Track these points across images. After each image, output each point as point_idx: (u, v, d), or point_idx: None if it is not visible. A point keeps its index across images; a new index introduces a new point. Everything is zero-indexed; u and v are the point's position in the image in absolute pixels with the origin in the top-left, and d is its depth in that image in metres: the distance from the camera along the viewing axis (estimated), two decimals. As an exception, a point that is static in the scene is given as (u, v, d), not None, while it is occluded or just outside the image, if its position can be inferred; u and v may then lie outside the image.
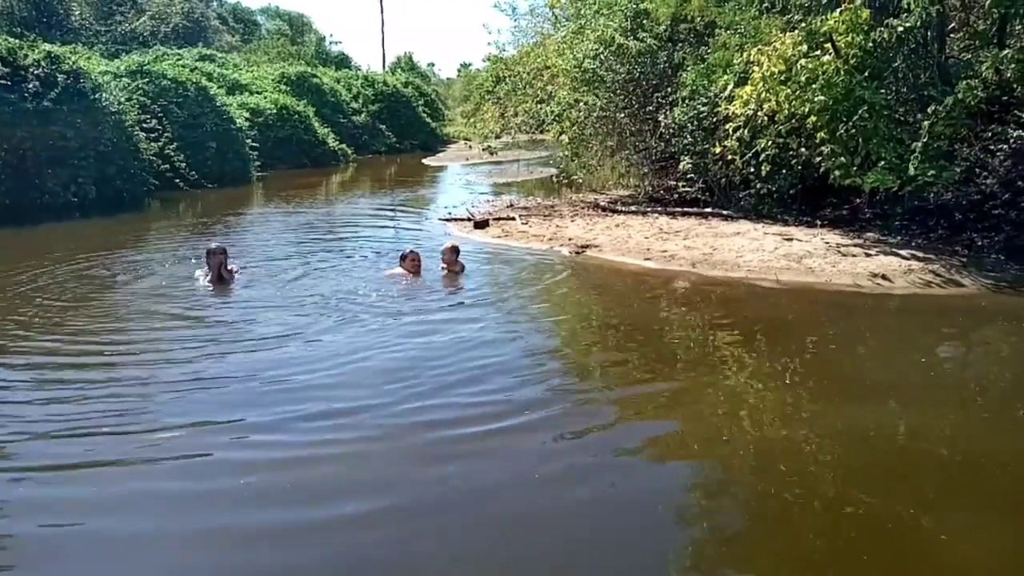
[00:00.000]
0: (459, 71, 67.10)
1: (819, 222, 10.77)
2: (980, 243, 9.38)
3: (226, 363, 5.82)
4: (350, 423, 4.73)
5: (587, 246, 10.50)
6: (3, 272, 9.13)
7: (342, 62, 45.53)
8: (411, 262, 8.77)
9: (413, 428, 4.66)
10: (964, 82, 8.72)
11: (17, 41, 16.34)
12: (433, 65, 70.14)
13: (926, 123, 8.69)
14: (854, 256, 8.99)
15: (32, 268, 9.32)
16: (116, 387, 5.33)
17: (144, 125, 18.49)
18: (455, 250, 9.07)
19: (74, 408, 4.94)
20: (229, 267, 8.62)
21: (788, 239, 9.79)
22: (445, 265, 8.97)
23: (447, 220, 13.55)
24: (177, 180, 18.60)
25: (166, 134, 19.13)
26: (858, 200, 11.10)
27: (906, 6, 8.88)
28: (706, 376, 5.70)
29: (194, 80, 21.43)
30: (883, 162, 9.23)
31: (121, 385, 5.37)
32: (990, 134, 9.88)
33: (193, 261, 9.45)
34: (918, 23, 9.11)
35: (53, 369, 5.76)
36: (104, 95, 16.69)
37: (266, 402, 5.03)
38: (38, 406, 5.01)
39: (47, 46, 16.64)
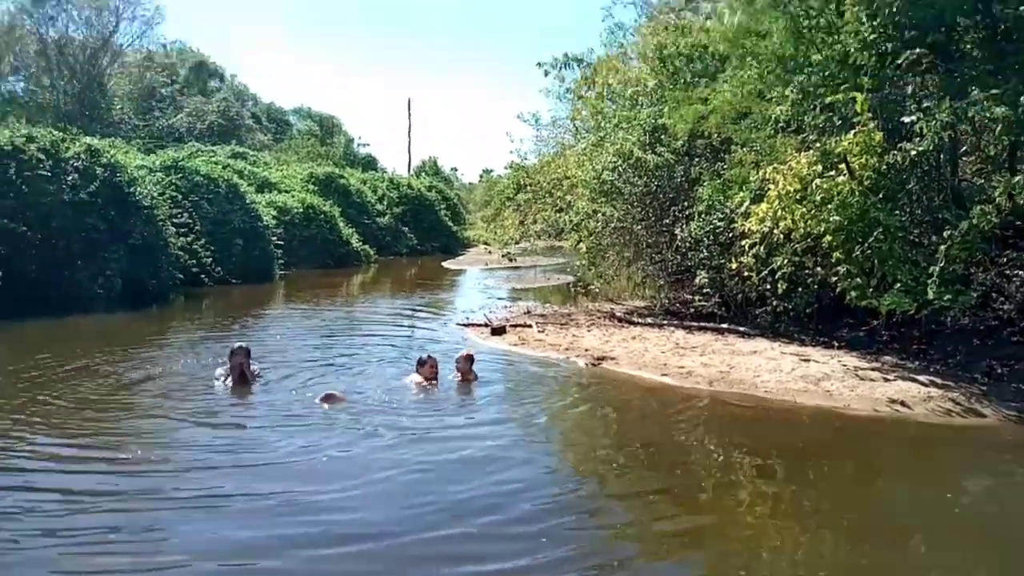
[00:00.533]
0: (481, 176, 68.97)
1: (836, 343, 10.75)
2: (1000, 371, 9.29)
3: (236, 478, 5.74)
4: (359, 552, 4.61)
5: (603, 358, 10.51)
6: (26, 366, 9.25)
7: (369, 164, 47.04)
8: (429, 368, 8.80)
9: (425, 562, 4.53)
10: (978, 207, 8.84)
11: (60, 134, 17.05)
12: (456, 170, 72.23)
13: (942, 247, 8.77)
14: (872, 380, 8.92)
15: (49, 362, 9.45)
16: (122, 500, 5.28)
17: (175, 220, 19.02)
18: (470, 359, 9.12)
19: (76, 521, 4.89)
20: (251, 368, 8.68)
21: (806, 360, 9.75)
22: (460, 373, 8.99)
23: (465, 325, 13.66)
24: (203, 275, 18.99)
25: (195, 229, 19.65)
26: (875, 322, 11.09)
27: (919, 130, 9.12)
28: (728, 512, 5.57)
29: (225, 177, 22.19)
30: (899, 284, 9.27)
31: (127, 498, 5.32)
32: (1006, 259, 9.94)
33: (213, 360, 9.54)
34: (931, 147, 9.32)
35: (53, 474, 5.77)
36: (139, 189, 17.25)
37: (274, 524, 4.95)
38: (38, 518, 4.98)
39: (87, 139, 17.33)
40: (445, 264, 30.84)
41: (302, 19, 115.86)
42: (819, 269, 10.63)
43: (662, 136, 13.89)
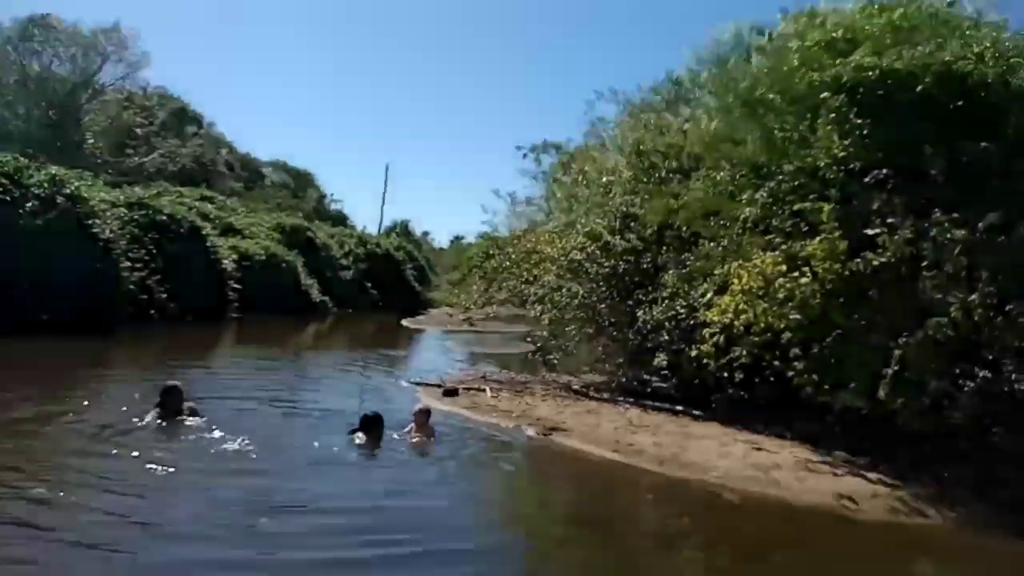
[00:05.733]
0: (452, 241, 69.33)
1: (789, 433, 10.73)
2: (946, 475, 9.32)
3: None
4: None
5: (555, 428, 10.36)
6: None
7: (339, 219, 47.08)
8: (377, 430, 8.43)
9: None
10: (935, 320, 9.03)
11: (25, 160, 16.80)
12: (428, 234, 72.52)
13: (896, 352, 8.91)
14: (821, 474, 8.89)
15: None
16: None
17: (131, 255, 18.68)
18: (427, 412, 8.94)
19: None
20: (187, 405, 8.35)
21: (757, 448, 9.71)
22: (416, 427, 8.74)
23: (418, 384, 13.43)
24: (153, 312, 18.56)
25: (151, 266, 19.29)
26: (829, 417, 11.12)
27: (882, 243, 9.36)
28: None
29: (189, 219, 21.95)
30: (855, 384, 9.35)
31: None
32: (958, 370, 10.09)
33: (140, 397, 9.18)
34: (893, 259, 9.55)
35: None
36: (98, 221, 16.96)
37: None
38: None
39: (53, 169, 17.10)
40: (404, 322, 30.55)
41: (284, 75, 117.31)
42: (777, 363, 10.71)
43: (632, 223, 14.07)
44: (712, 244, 11.97)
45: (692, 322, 11.57)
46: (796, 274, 9.66)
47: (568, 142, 21.62)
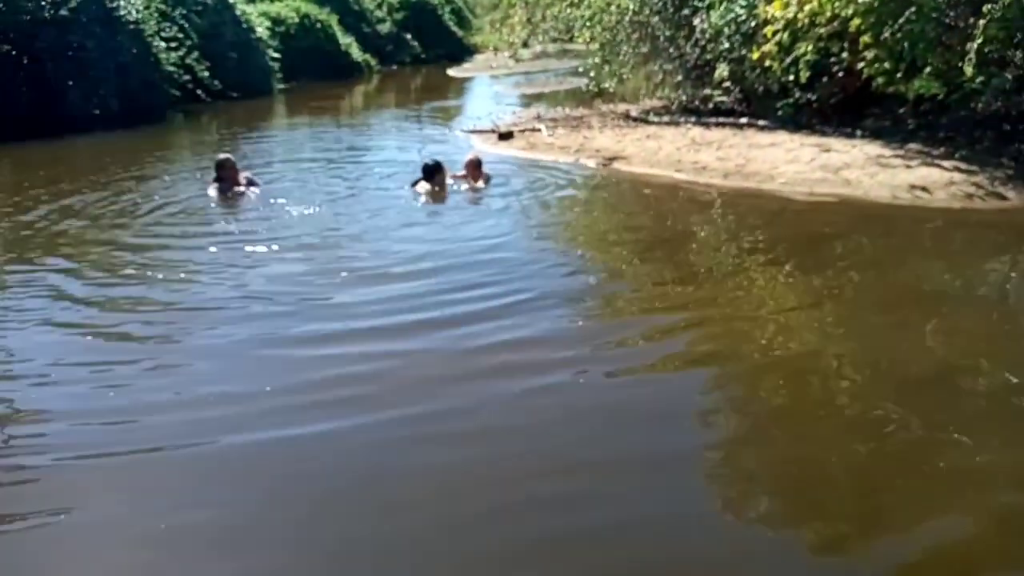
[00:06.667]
0: (487, -24, 64.87)
1: (859, 133, 10.32)
2: (1028, 154, 8.93)
3: (248, 283, 5.70)
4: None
5: (615, 158, 10.20)
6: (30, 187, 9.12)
7: (365, -32, 44.14)
8: (441, 176, 8.47)
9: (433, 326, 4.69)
10: (1024, -21, 8.13)
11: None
12: (460, -29, 67.78)
13: (981, 23, 8.15)
14: (894, 168, 8.60)
15: (50, 184, 9.31)
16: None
17: (163, 35, 18.16)
18: (477, 162, 8.81)
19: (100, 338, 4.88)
20: (243, 176, 8.43)
21: (826, 150, 9.39)
22: (469, 178, 8.72)
23: (470, 132, 13.25)
24: (199, 91, 18.38)
25: (187, 44, 18.78)
26: (901, 110, 10.60)
27: None
28: (737, 284, 5.56)
29: (213, -13, 20.92)
30: (929, 68, 8.75)
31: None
32: (1048, 38, 9.26)
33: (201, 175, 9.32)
34: (976, -84, 8.44)
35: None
36: (122, 3, 16.36)
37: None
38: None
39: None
40: (451, 72, 29.59)
41: None
42: (845, 55, 10.03)
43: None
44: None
45: (753, 23, 10.80)
46: (867, -52, 8.70)
47: None
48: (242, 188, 8.33)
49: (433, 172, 8.42)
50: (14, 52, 13.98)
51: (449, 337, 4.57)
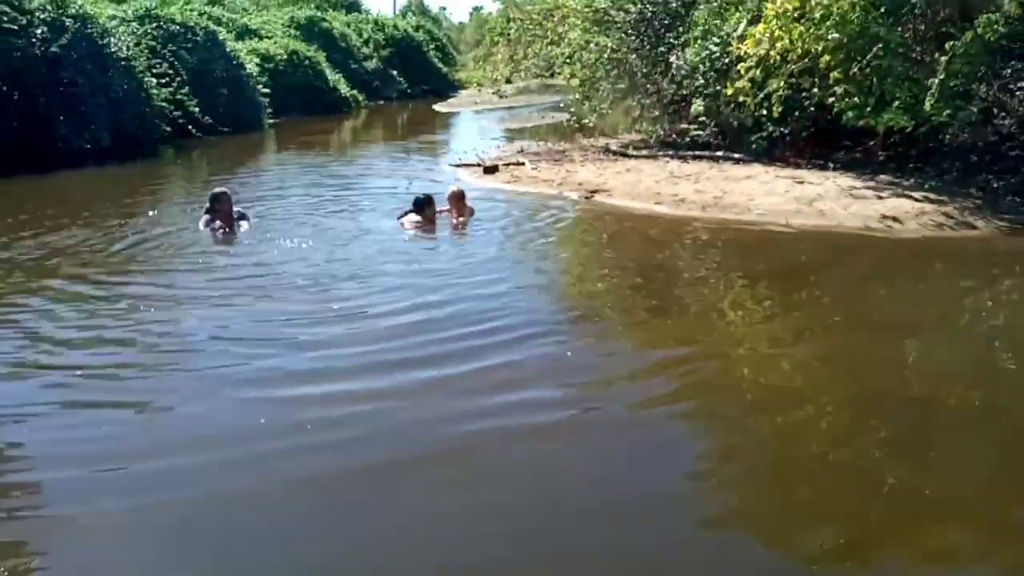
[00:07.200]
0: (471, 14, 66.07)
1: (832, 165, 10.66)
2: (996, 185, 9.25)
3: (237, 322, 5.71)
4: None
5: (597, 190, 10.47)
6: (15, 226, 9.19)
7: (352, 6, 44.72)
8: (432, 210, 8.58)
9: (413, 363, 4.73)
10: (985, 16, 8.51)
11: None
12: (445, 9, 69.18)
13: (943, 59, 8.51)
14: (866, 199, 8.92)
15: (38, 218, 9.43)
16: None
17: (154, 71, 18.41)
18: (461, 194, 8.97)
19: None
20: (235, 210, 8.53)
21: (800, 182, 9.71)
22: (453, 211, 8.89)
23: (457, 166, 13.51)
24: (190, 126, 18.57)
25: (177, 80, 19.02)
26: (871, 143, 10.95)
27: (925, -59, 8.63)
28: (720, 316, 5.79)
29: (203, 25, 21.23)
30: (897, 102, 9.08)
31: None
32: (1010, 71, 9.65)
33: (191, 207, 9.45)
34: (939, -42, 8.86)
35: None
36: (113, 40, 16.60)
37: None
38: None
39: (53, -12, 16.47)
40: (436, 107, 30.04)
41: None
42: (816, 90, 10.37)
43: (657, -41, 13.16)
44: (743, -30, 11.23)
45: (727, 60, 11.16)
46: (833, -11, 9.08)
47: None
48: (234, 220, 8.44)
49: (423, 206, 8.58)
50: (4, 87, 14.13)
51: (435, 378, 4.55)
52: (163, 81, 18.47)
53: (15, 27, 14.59)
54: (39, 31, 14.90)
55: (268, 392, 4.42)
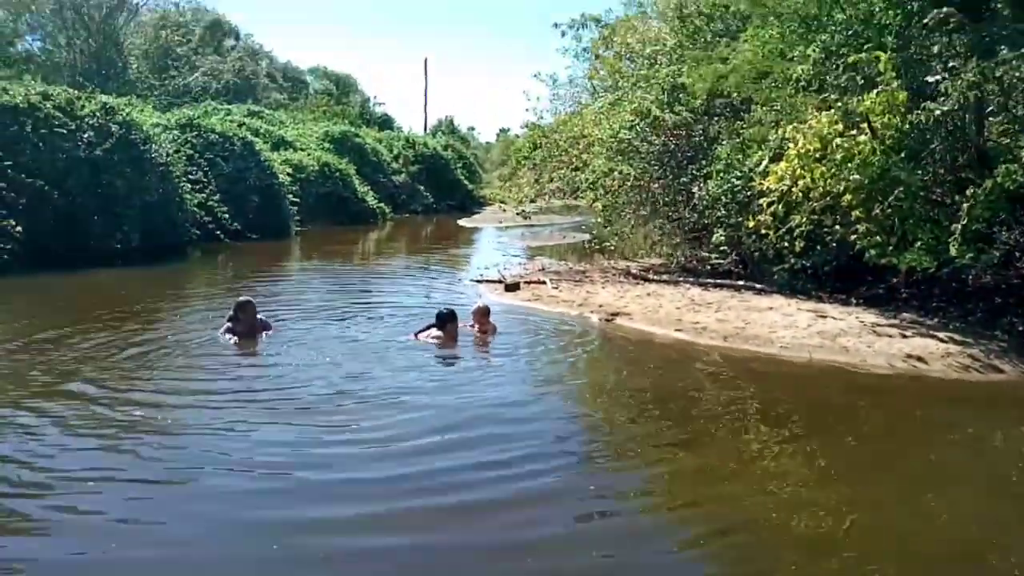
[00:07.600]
0: (498, 135, 68.55)
1: (854, 300, 10.65)
2: (1021, 328, 9.17)
3: (251, 437, 5.66)
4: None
5: (617, 314, 10.48)
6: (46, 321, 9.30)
7: (385, 123, 46.69)
8: (454, 325, 8.60)
9: (431, 492, 4.63)
10: (1004, 166, 8.67)
11: (76, 92, 17.08)
12: (473, 129, 71.52)
13: (965, 205, 8.63)
14: (890, 336, 8.84)
15: (64, 316, 9.53)
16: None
17: (190, 176, 19.08)
18: (486, 311, 9.05)
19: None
20: (258, 318, 8.60)
21: (822, 316, 9.68)
22: (477, 325, 8.94)
23: (479, 281, 13.66)
24: (219, 232, 19.05)
25: (210, 186, 19.68)
26: (894, 279, 10.97)
27: (944, 90, 8.91)
28: (741, 461, 5.60)
29: (240, 135, 22.14)
30: (920, 243, 9.15)
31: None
32: (1030, 218, 9.76)
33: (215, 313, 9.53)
34: (956, 107, 9.12)
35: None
36: (154, 147, 17.31)
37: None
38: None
39: (103, 97, 17.37)
40: (461, 222, 30.73)
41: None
42: (838, 227, 10.49)
43: (680, 95, 13.65)
44: (764, 108, 11.61)
45: (748, 193, 11.39)
46: (854, 132, 9.34)
47: (608, 13, 20.90)
48: (256, 331, 8.49)
49: (446, 321, 8.61)
50: (46, 187, 14.65)
51: (456, 506, 4.55)
52: (197, 187, 19.10)
53: (64, 131, 15.29)
54: (87, 135, 15.59)
55: (271, 534, 4.22)
